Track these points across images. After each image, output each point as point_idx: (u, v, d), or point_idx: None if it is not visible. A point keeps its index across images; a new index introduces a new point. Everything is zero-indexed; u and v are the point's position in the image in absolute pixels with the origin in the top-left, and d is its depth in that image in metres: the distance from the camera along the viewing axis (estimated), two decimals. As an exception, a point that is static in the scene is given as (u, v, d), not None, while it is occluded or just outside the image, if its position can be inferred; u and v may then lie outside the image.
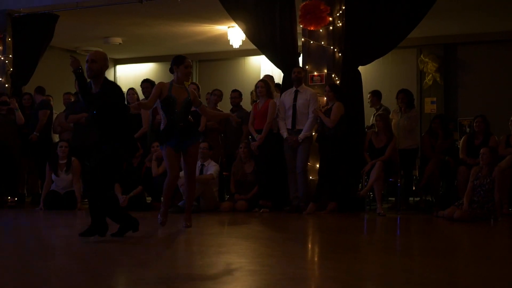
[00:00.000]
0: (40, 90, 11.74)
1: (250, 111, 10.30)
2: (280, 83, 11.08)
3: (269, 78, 10.91)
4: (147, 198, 10.57)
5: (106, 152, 6.33)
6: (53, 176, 10.16)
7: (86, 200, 11.34)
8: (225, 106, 11.34)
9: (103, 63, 6.34)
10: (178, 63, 7.21)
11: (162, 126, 7.24)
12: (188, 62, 7.29)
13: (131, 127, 6.89)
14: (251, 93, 11.26)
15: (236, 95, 10.91)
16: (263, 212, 9.68)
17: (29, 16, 12.66)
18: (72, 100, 11.74)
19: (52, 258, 5.44)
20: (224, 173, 10.60)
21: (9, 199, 10.66)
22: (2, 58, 12.64)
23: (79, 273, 4.59)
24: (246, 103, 11.37)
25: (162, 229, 7.16)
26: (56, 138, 11.76)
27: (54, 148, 10.42)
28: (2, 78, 12.61)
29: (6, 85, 12.54)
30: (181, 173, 9.84)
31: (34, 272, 4.64)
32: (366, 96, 10.63)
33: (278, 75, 12.53)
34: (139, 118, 10.53)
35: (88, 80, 6.36)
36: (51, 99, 12.20)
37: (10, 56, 12.68)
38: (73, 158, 10.21)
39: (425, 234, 7.87)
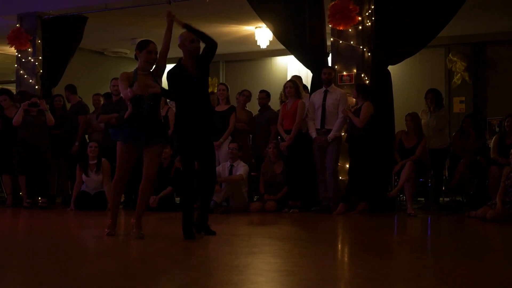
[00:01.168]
0: (72, 89, 11.79)
1: (279, 112, 10.30)
2: (307, 83, 11.07)
3: (297, 78, 10.89)
4: (176, 198, 10.60)
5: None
6: (83, 176, 10.24)
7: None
8: (253, 106, 11.34)
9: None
10: (141, 48, 6.56)
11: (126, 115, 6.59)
12: (153, 47, 6.57)
13: None
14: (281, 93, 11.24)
15: (264, 95, 10.92)
16: (292, 213, 9.67)
17: (59, 18, 12.76)
18: (102, 101, 11.84)
19: (85, 258, 5.47)
20: (252, 173, 10.61)
21: (40, 200, 10.76)
22: (32, 60, 12.77)
23: (115, 273, 4.61)
24: (274, 103, 11.36)
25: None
26: (86, 139, 11.84)
27: (85, 149, 10.49)
28: (32, 80, 12.73)
29: (36, 87, 12.66)
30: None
31: (69, 273, 4.67)
32: (395, 96, 10.57)
33: (305, 75, 12.55)
34: (166, 119, 10.54)
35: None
36: (80, 101, 12.30)
37: (40, 58, 12.80)
38: (103, 159, 10.28)
39: (457, 235, 7.81)
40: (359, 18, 10.02)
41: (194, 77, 6.56)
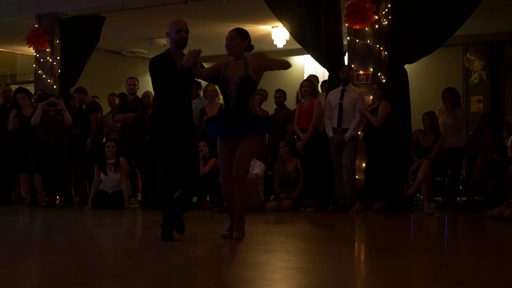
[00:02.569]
0: (83, 90, 11.86)
1: (295, 111, 10.30)
2: (323, 82, 11.07)
3: (313, 78, 10.89)
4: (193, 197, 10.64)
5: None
6: (101, 175, 10.30)
7: (133, 199, 11.55)
8: (269, 105, 11.35)
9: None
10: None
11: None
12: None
13: None
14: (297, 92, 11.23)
15: (280, 94, 10.92)
16: (309, 211, 9.68)
17: (76, 18, 12.84)
18: (117, 101, 11.90)
19: (103, 256, 5.51)
20: (269, 172, 10.62)
21: (58, 199, 10.85)
22: (50, 60, 12.86)
23: (132, 271, 4.64)
24: (290, 102, 11.36)
25: (207, 228, 7.19)
26: (103, 138, 11.91)
27: (102, 148, 10.55)
28: (50, 79, 12.83)
29: (54, 87, 12.75)
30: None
31: (86, 271, 4.71)
32: (412, 95, 10.54)
33: (321, 74, 12.55)
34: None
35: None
36: (98, 100, 12.38)
37: (58, 58, 12.89)
38: (121, 158, 10.34)
39: (475, 234, 7.78)
40: (376, 17, 10.01)
41: (181, 71, 5.96)
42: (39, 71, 12.98)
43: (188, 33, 6.19)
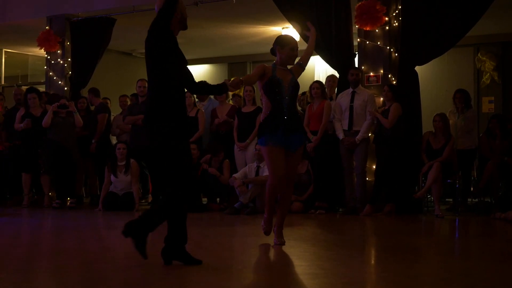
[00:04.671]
0: (95, 92, 11.91)
1: (305, 113, 10.28)
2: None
3: (333, 78, 10.82)
4: (203, 199, 10.65)
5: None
6: (112, 177, 10.33)
7: (144, 201, 11.57)
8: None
9: None
10: (282, 45, 6.40)
11: (263, 116, 6.32)
12: (294, 43, 6.43)
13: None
14: (304, 93, 11.21)
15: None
16: (319, 214, 9.66)
17: (87, 20, 12.88)
18: (129, 102, 11.93)
19: (114, 262, 5.52)
20: (279, 174, 10.59)
21: (69, 201, 10.88)
22: (61, 62, 12.90)
23: (142, 275, 4.65)
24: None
25: (217, 231, 7.19)
26: (114, 140, 11.94)
27: (113, 150, 10.57)
28: (61, 81, 12.87)
29: (65, 88, 12.79)
30: (237, 174, 9.97)
31: (97, 274, 4.72)
32: (423, 96, 10.50)
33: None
34: (195, 121, 10.58)
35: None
36: (109, 102, 12.41)
37: (69, 59, 12.94)
38: (132, 160, 10.36)
39: (485, 237, 7.75)
40: (386, 19, 9.99)
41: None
42: (50, 73, 13.03)
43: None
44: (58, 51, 12.91)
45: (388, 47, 10.05)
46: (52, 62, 13.02)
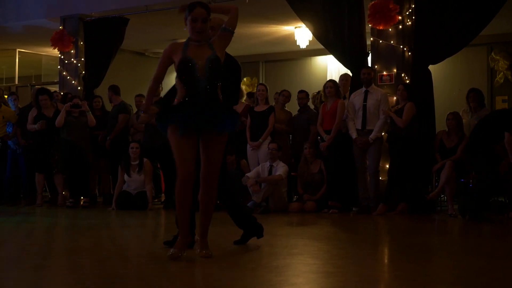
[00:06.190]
0: (115, 89, 11.91)
1: (319, 112, 10.28)
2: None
3: (346, 76, 10.83)
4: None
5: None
6: (125, 176, 10.36)
7: (157, 200, 11.60)
8: (292, 106, 11.34)
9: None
10: (186, 13, 5.27)
11: (176, 102, 5.26)
12: (199, 13, 5.19)
13: None
14: (318, 92, 11.21)
15: (303, 95, 10.91)
16: (332, 213, 9.66)
17: (100, 20, 12.93)
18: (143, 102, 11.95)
19: (128, 259, 5.54)
20: (292, 173, 10.62)
21: (82, 200, 10.93)
22: (74, 62, 12.96)
23: (156, 275, 4.66)
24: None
25: (231, 230, 7.16)
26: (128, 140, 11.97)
27: (126, 149, 10.60)
28: (75, 81, 12.93)
29: (79, 88, 12.85)
30: (250, 174, 9.97)
31: (111, 272, 4.74)
32: (436, 95, 10.47)
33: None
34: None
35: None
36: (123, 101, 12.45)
37: (82, 59, 12.99)
38: (145, 159, 10.39)
39: (499, 236, 7.71)
40: (399, 17, 9.98)
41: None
42: (64, 73, 13.09)
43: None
44: (72, 51, 12.97)
45: (401, 46, 10.04)
46: (66, 62, 13.08)
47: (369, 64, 10.37)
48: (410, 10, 10.05)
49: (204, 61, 5.16)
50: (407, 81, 9.97)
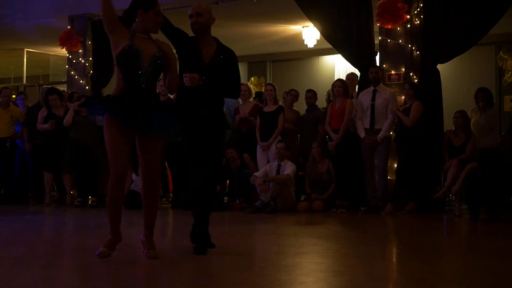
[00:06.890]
0: None
1: (327, 111, 10.27)
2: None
3: (352, 76, 10.81)
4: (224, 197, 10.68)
5: (220, 137, 5.58)
6: (133, 176, 10.37)
7: (164, 199, 11.60)
8: (300, 106, 11.34)
9: (209, 16, 5.72)
10: (146, 7, 5.29)
11: (113, 93, 5.12)
12: (159, 7, 5.39)
13: None
14: (328, 92, 11.19)
15: (311, 95, 10.88)
16: (340, 212, 9.64)
17: (108, 19, 12.91)
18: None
19: (136, 258, 5.54)
20: (300, 173, 10.61)
21: (90, 199, 10.95)
22: (82, 61, 12.98)
23: (164, 273, 4.66)
24: (320, 102, 11.33)
25: (239, 229, 7.19)
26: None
27: (134, 149, 10.59)
28: (82, 80, 12.95)
29: (87, 88, 12.87)
30: (258, 173, 9.96)
31: (119, 272, 4.74)
32: (444, 95, 10.45)
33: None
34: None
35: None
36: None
37: (90, 59, 13.00)
38: (152, 158, 10.38)
39: (507, 236, 7.68)
40: (408, 17, 9.96)
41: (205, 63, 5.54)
42: (72, 72, 13.11)
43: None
44: (80, 51, 12.99)
45: (409, 45, 10.02)
46: (74, 61, 13.10)
47: (377, 63, 10.35)
48: (418, 9, 10.03)
49: (150, 57, 5.08)
50: (416, 81, 9.95)
